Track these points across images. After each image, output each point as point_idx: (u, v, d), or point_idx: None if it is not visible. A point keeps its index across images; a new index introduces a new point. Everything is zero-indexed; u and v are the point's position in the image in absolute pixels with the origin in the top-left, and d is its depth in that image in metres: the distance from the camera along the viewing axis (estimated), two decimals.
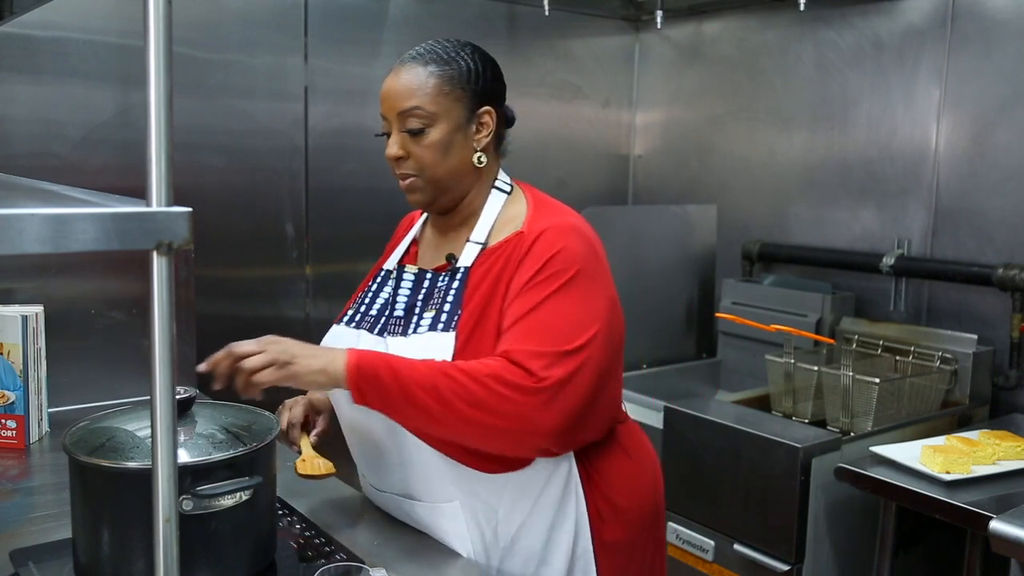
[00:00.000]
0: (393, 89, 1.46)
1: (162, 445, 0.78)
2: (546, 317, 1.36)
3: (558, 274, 1.39)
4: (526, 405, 1.30)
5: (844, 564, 2.27)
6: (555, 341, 1.34)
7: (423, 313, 1.48)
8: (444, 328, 1.43)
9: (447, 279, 1.49)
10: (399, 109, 1.45)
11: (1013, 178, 2.55)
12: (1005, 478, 2.00)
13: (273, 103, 2.74)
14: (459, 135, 1.47)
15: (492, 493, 1.45)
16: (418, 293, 1.52)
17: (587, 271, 1.41)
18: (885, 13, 2.83)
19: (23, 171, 1.98)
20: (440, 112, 1.44)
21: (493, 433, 1.34)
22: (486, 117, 1.49)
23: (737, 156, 3.31)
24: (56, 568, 1.33)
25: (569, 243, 1.42)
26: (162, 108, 0.74)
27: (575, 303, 1.38)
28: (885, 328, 2.70)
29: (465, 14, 3.13)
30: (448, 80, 1.45)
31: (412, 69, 1.46)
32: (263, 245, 2.76)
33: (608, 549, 1.50)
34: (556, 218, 1.47)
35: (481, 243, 1.49)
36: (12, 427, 1.96)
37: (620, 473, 1.53)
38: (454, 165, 1.47)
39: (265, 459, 1.34)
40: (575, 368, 1.33)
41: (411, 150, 1.46)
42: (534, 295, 1.38)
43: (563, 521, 1.48)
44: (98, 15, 2.35)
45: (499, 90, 1.53)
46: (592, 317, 1.39)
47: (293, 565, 1.39)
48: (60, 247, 0.71)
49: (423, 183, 1.47)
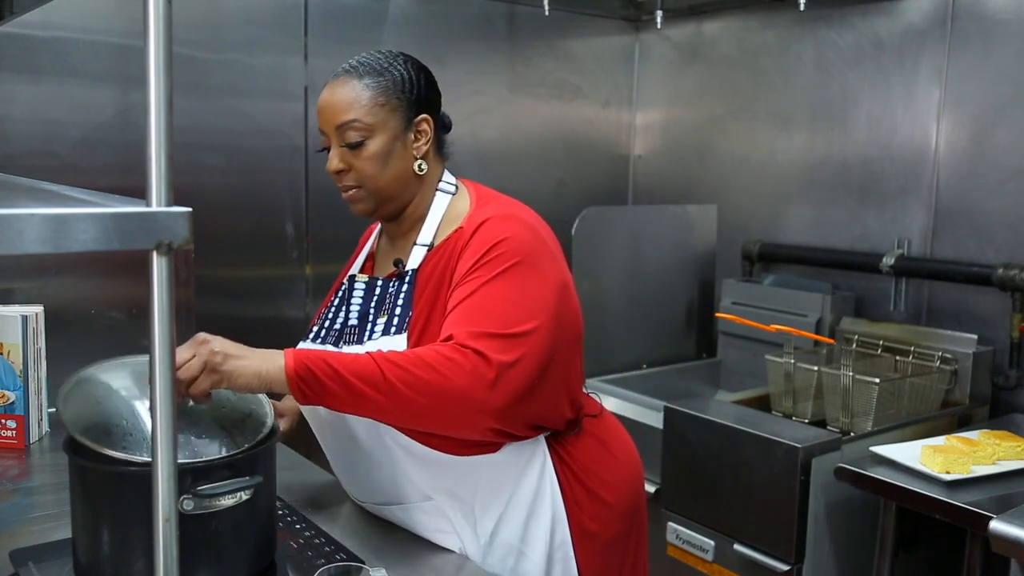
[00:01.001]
0: (329, 103, 1.48)
1: (162, 445, 0.77)
2: (488, 302, 1.36)
3: (500, 258, 1.39)
4: (469, 386, 1.29)
5: (844, 564, 2.27)
6: (498, 324, 1.33)
7: (376, 319, 1.50)
8: (396, 331, 1.45)
9: (396, 283, 1.51)
10: (337, 123, 1.47)
11: (1013, 178, 2.55)
12: (1005, 478, 2.00)
13: (273, 103, 2.74)
14: (398, 144, 1.49)
15: (465, 489, 1.47)
16: (370, 301, 1.54)
17: (530, 258, 1.42)
18: (885, 13, 2.83)
19: (23, 171, 1.98)
20: (377, 124, 1.46)
21: (439, 415, 1.32)
22: (423, 125, 1.51)
23: (737, 156, 3.31)
24: (56, 568, 1.33)
25: (511, 231, 1.43)
26: (162, 108, 0.74)
27: (518, 288, 1.38)
28: (885, 328, 2.70)
29: (465, 14, 3.13)
30: (383, 91, 1.47)
31: (347, 83, 1.47)
32: (263, 245, 2.76)
33: (587, 539, 1.52)
34: (497, 209, 1.48)
35: (427, 244, 1.51)
36: (12, 427, 1.96)
37: (598, 464, 1.55)
38: (395, 174, 1.49)
39: (265, 459, 1.34)
40: (519, 352, 1.32)
41: (351, 163, 1.48)
42: (475, 280, 1.39)
43: (539, 513, 1.49)
44: (98, 15, 2.35)
45: (434, 97, 1.55)
46: (536, 303, 1.38)
47: (293, 565, 1.39)
48: (60, 247, 0.71)
49: (365, 194, 1.50)
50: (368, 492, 1.58)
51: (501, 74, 3.21)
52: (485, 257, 1.40)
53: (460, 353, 1.30)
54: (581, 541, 1.51)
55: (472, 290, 1.38)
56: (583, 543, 1.51)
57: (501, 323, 1.33)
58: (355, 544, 1.48)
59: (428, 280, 1.47)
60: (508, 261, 1.39)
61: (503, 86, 3.22)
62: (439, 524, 1.50)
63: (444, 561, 1.47)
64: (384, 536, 1.54)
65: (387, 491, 1.53)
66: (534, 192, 3.33)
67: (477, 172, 1.88)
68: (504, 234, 1.42)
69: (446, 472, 1.45)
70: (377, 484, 1.53)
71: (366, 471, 1.53)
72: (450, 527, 1.49)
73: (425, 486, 1.48)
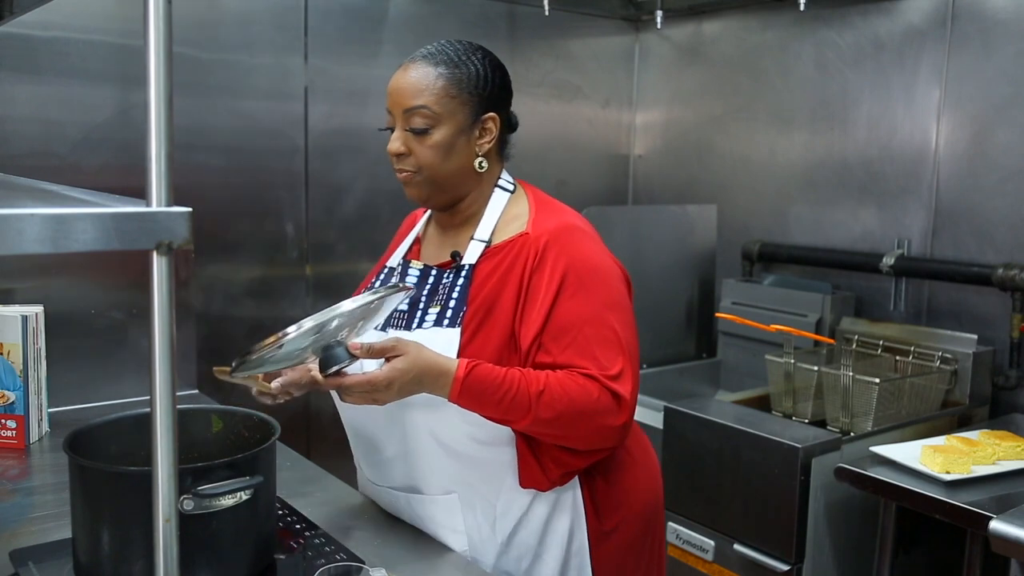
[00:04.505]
0: (401, 85, 1.47)
1: (162, 445, 0.77)
2: (599, 329, 1.42)
3: (591, 281, 1.44)
4: (614, 420, 1.40)
5: (844, 564, 2.27)
6: (612, 356, 1.41)
7: (428, 308, 1.50)
8: (449, 324, 1.45)
9: (452, 276, 1.50)
10: (405, 106, 1.46)
11: (1013, 178, 2.55)
12: (1005, 478, 2.00)
13: (273, 103, 2.74)
14: (462, 138, 1.48)
15: (491, 487, 1.47)
16: (423, 288, 1.53)
17: (608, 269, 1.48)
18: (885, 13, 2.83)
19: (23, 171, 1.98)
20: (445, 114, 1.45)
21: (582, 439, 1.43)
22: (489, 123, 1.50)
23: (737, 156, 3.31)
24: (56, 568, 1.33)
25: (579, 248, 1.46)
26: (162, 108, 0.74)
27: (614, 307, 1.45)
28: (885, 328, 2.70)
29: (465, 14, 3.13)
30: (456, 83, 1.46)
31: (422, 68, 1.47)
32: (263, 245, 2.76)
33: (604, 543, 1.52)
34: (559, 219, 1.50)
35: (485, 241, 1.51)
36: (12, 427, 1.96)
37: (620, 469, 1.55)
38: (454, 167, 1.49)
39: (265, 459, 1.34)
40: (632, 376, 1.43)
41: (413, 148, 1.47)
42: (578, 305, 1.42)
43: (560, 515, 1.49)
44: (98, 15, 2.35)
45: (505, 97, 1.54)
46: (627, 315, 1.48)
47: (293, 565, 1.39)
48: (60, 247, 0.71)
49: (421, 179, 1.49)
50: (388, 476, 1.56)
51: None
52: (568, 281, 1.43)
53: (601, 390, 1.38)
54: (598, 543, 1.52)
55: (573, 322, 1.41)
56: (600, 545, 1.52)
57: (612, 356, 1.41)
58: (355, 544, 1.48)
59: (487, 279, 1.47)
60: (588, 282, 1.44)
61: None
62: (450, 521, 1.50)
63: (444, 561, 1.47)
64: (384, 536, 1.54)
65: (409, 478, 1.52)
66: None
67: None
68: (570, 252, 1.45)
69: (476, 468, 1.46)
70: (401, 470, 1.53)
71: (391, 456, 1.52)
72: (461, 525, 1.49)
73: (450, 480, 1.48)
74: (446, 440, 1.45)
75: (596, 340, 1.41)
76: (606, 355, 1.40)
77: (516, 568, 1.50)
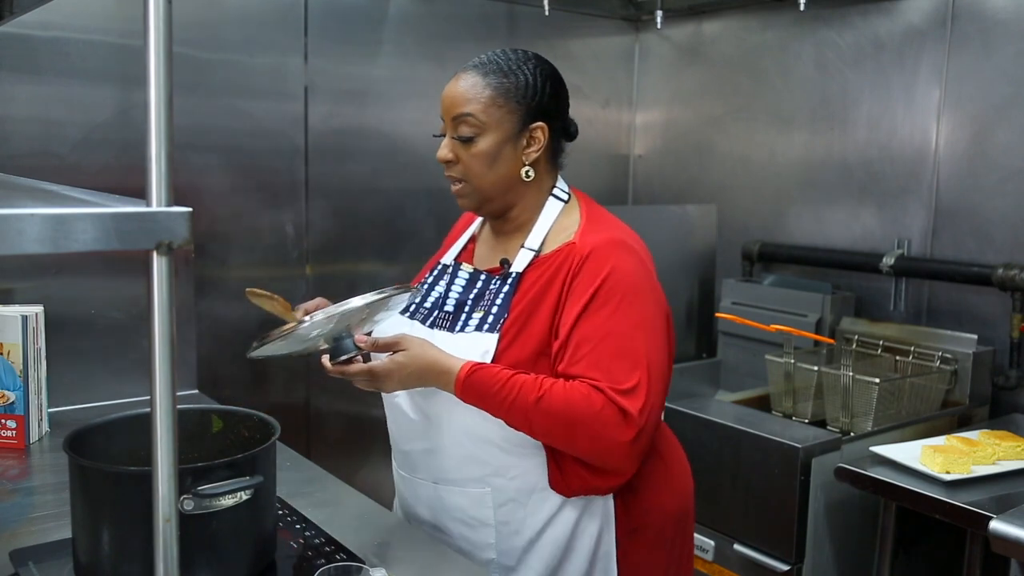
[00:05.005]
0: (451, 94, 1.51)
1: (162, 445, 0.77)
2: (621, 343, 1.41)
3: (614, 296, 1.42)
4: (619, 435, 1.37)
5: (844, 564, 2.27)
6: (627, 370, 1.39)
7: (472, 312, 1.53)
8: (490, 329, 1.48)
9: (499, 282, 1.53)
10: (453, 114, 1.50)
11: (1013, 178, 2.55)
12: (1005, 478, 2.00)
13: (273, 103, 2.74)
14: (508, 147, 1.50)
15: (523, 485, 1.49)
16: (470, 292, 1.56)
17: (646, 289, 1.46)
18: (885, 13, 2.83)
19: (23, 171, 1.98)
20: (491, 123, 1.48)
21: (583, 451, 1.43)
22: (538, 132, 1.52)
23: (737, 156, 3.30)
24: (56, 568, 1.33)
25: (619, 262, 1.45)
26: (162, 108, 0.74)
27: (642, 325, 1.43)
28: (885, 328, 2.70)
29: (465, 14, 3.13)
30: (503, 93, 1.49)
31: (472, 77, 1.50)
32: (263, 245, 2.76)
33: (632, 541, 1.54)
34: (608, 232, 1.51)
35: (535, 250, 1.53)
36: (12, 427, 1.96)
37: (651, 471, 1.56)
38: (500, 176, 1.51)
39: (265, 459, 1.34)
40: (646, 395, 1.39)
41: (460, 155, 1.50)
42: (600, 320, 1.42)
43: (589, 519, 1.52)
44: (98, 15, 2.35)
45: (556, 107, 1.56)
46: (657, 338, 1.44)
47: (293, 565, 1.39)
48: (60, 247, 0.71)
49: (470, 190, 1.53)
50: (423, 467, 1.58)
51: None
52: (600, 294, 1.43)
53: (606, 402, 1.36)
54: (626, 543, 1.53)
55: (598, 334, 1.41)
56: (628, 545, 1.53)
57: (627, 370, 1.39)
58: (355, 544, 1.48)
59: (531, 287, 1.49)
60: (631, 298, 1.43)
61: None
62: (481, 513, 1.52)
63: (444, 561, 1.47)
64: (384, 536, 1.54)
65: (443, 471, 1.54)
66: None
67: None
68: (609, 265, 1.44)
69: (510, 468, 1.48)
70: (436, 463, 1.54)
71: (429, 448, 1.54)
72: (491, 519, 1.51)
73: (484, 475, 1.50)
74: (482, 438, 1.48)
75: (614, 353, 1.40)
76: (621, 368, 1.39)
77: (543, 567, 1.52)
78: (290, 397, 2.82)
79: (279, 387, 2.81)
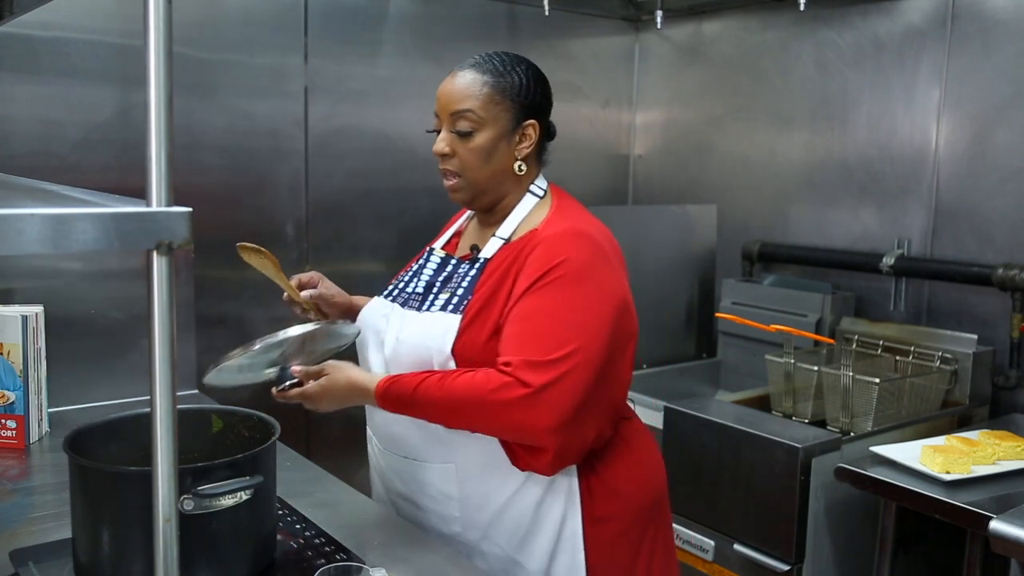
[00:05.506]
0: (449, 90, 1.57)
1: (162, 445, 0.77)
2: (542, 324, 1.44)
3: (559, 281, 1.46)
4: (521, 414, 1.39)
5: (844, 564, 2.27)
6: (548, 348, 1.41)
7: (439, 294, 1.59)
8: (453, 310, 1.54)
9: (467, 267, 1.60)
10: (452, 110, 1.55)
11: (1013, 178, 2.55)
12: (1005, 478, 2.00)
13: (273, 103, 2.74)
14: (503, 143, 1.57)
15: (486, 457, 1.53)
16: (439, 275, 1.64)
17: (588, 277, 1.48)
18: (885, 13, 2.83)
19: (23, 171, 1.98)
20: (488, 119, 1.55)
21: (499, 433, 1.49)
22: (529, 129, 1.60)
23: (737, 156, 3.30)
24: (56, 568, 1.33)
25: (572, 251, 1.49)
26: (162, 108, 0.74)
27: (573, 309, 1.45)
28: (885, 328, 2.70)
29: (465, 14, 3.13)
30: (500, 91, 1.56)
31: (470, 75, 1.57)
32: (263, 245, 2.75)
33: (597, 527, 1.56)
34: (569, 222, 1.56)
35: (505, 238, 1.59)
36: (12, 427, 1.96)
37: (617, 459, 1.60)
38: (494, 170, 1.58)
39: (265, 459, 1.34)
40: (564, 372, 1.39)
41: (457, 149, 1.56)
42: (535, 300, 1.46)
43: (554, 499, 1.54)
44: (98, 15, 2.35)
45: (545, 106, 1.64)
46: (589, 322, 1.45)
47: (293, 565, 1.39)
48: (60, 247, 0.71)
49: (464, 183, 1.58)
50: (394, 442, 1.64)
51: None
52: (545, 278, 1.46)
53: (505, 380, 1.40)
54: (591, 529, 1.55)
55: (527, 312, 1.45)
56: (593, 531, 1.56)
57: (547, 348, 1.41)
58: (355, 544, 1.48)
59: (494, 271, 1.54)
60: (565, 283, 1.46)
61: None
62: (446, 487, 1.57)
63: (444, 561, 1.47)
64: (384, 536, 1.54)
65: (414, 447, 1.59)
66: None
67: None
68: (565, 254, 1.48)
69: (474, 446, 1.52)
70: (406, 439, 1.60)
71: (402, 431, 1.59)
72: (456, 492, 1.56)
73: (452, 448, 1.54)
74: None
75: (538, 331, 1.43)
76: (541, 345, 1.41)
77: (507, 543, 1.55)
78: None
79: None
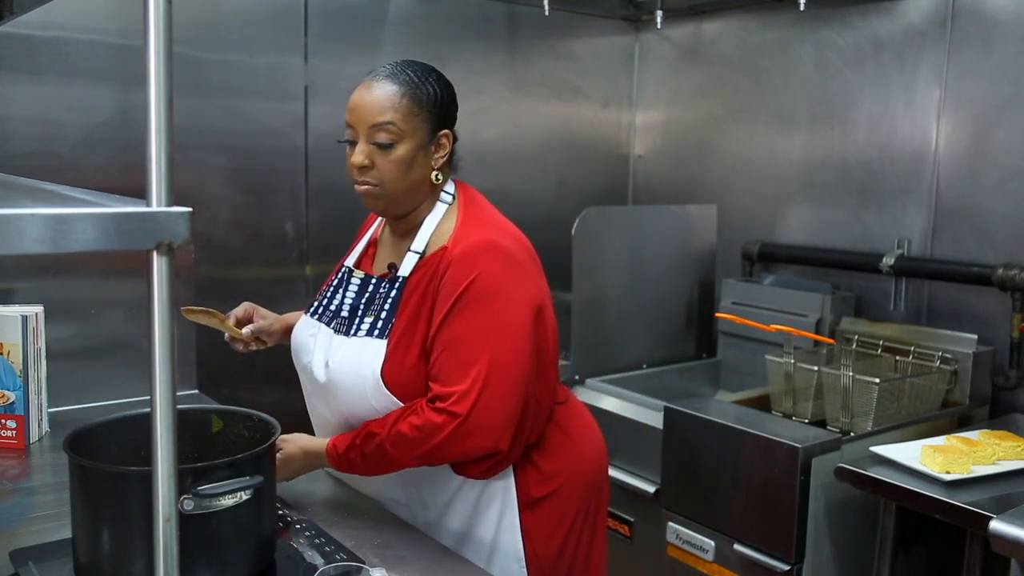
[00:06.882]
0: (366, 102, 1.55)
1: (162, 445, 0.77)
2: (460, 350, 1.48)
3: (473, 301, 1.49)
4: (461, 443, 1.47)
5: (844, 564, 2.27)
6: (466, 373, 1.46)
7: (364, 317, 1.60)
8: (379, 335, 1.55)
9: (387, 286, 1.60)
10: (371, 122, 1.53)
11: (1013, 178, 2.55)
12: (1005, 478, 2.00)
13: (273, 103, 2.74)
14: (420, 154, 1.56)
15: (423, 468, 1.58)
16: (362, 297, 1.63)
17: (499, 291, 1.51)
18: (885, 13, 2.83)
19: (23, 171, 1.98)
20: (408, 131, 1.54)
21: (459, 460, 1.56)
22: (443, 139, 1.59)
23: (737, 156, 3.30)
24: (56, 568, 1.34)
25: (484, 264, 1.51)
26: (162, 108, 0.74)
27: (485, 327, 1.49)
28: (885, 328, 2.70)
29: (465, 14, 3.13)
30: (418, 102, 1.55)
31: (386, 85, 1.55)
32: (263, 245, 2.76)
33: (533, 514, 1.62)
34: (479, 234, 1.55)
35: (419, 252, 1.59)
36: (12, 427, 1.96)
37: (552, 445, 1.65)
38: (413, 181, 1.57)
39: (265, 459, 1.34)
40: (480, 390, 1.45)
41: (376, 161, 1.55)
42: (453, 326, 1.50)
43: (492, 487, 1.61)
44: (98, 15, 2.35)
45: (455, 114, 1.64)
46: (501, 335, 1.49)
47: (293, 565, 1.39)
48: (60, 247, 0.71)
49: (382, 192, 1.57)
50: None
51: (501, 74, 3.21)
52: (460, 302, 1.49)
53: (438, 422, 1.46)
54: (529, 514, 1.62)
55: (447, 341, 1.49)
56: (530, 516, 1.62)
57: (465, 373, 1.46)
58: (355, 544, 1.48)
59: (414, 291, 1.56)
60: (479, 302, 1.49)
61: (503, 86, 3.21)
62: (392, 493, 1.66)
63: (444, 560, 1.47)
64: (384, 536, 1.54)
65: None
66: (534, 192, 3.33)
67: (477, 172, 1.88)
68: (476, 270, 1.50)
69: None
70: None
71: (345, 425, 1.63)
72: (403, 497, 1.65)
73: None
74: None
75: (457, 360, 1.47)
76: (459, 374, 1.46)
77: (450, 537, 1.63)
78: (290, 397, 2.81)
79: (279, 387, 2.80)
